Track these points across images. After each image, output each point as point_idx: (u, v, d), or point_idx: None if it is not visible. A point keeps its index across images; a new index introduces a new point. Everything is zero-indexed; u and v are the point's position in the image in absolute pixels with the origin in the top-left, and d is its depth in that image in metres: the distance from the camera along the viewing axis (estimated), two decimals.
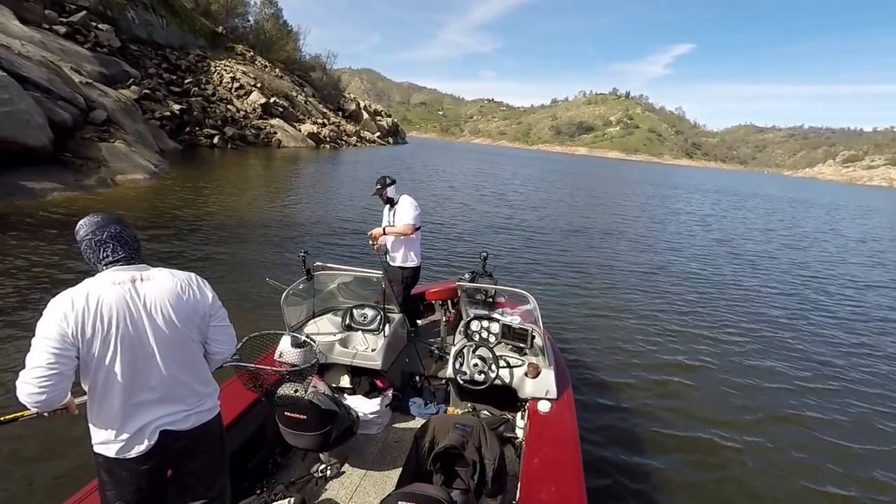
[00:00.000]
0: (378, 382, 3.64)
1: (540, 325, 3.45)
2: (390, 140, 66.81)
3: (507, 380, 3.30)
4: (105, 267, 1.71)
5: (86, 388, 1.68)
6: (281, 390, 2.53)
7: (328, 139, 40.60)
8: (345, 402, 3.08)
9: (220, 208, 11.86)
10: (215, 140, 26.07)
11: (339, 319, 3.79)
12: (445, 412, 3.62)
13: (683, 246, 14.16)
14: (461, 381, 3.31)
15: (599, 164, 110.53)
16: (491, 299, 4.22)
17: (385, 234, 4.46)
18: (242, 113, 31.64)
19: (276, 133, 32.98)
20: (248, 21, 48.79)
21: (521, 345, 3.52)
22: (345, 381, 3.68)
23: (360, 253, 9.07)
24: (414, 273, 4.65)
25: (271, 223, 11.15)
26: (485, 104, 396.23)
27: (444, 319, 4.78)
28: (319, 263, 3.67)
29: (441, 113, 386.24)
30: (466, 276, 4.59)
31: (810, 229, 21.79)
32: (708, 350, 6.51)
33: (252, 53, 42.90)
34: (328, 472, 2.94)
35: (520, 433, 3.21)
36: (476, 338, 3.65)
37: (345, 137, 46.18)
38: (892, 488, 4.06)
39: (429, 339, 4.66)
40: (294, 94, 42.48)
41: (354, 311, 3.79)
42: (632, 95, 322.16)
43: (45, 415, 1.65)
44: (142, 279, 1.73)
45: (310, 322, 3.73)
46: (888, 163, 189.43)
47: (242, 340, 2.24)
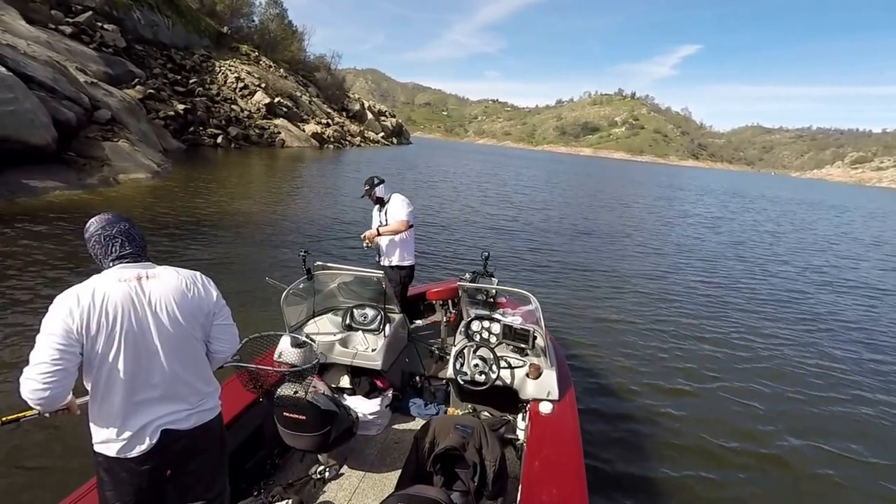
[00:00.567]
0: (378, 383, 3.61)
1: (542, 326, 3.41)
2: (394, 140, 66.87)
3: (508, 380, 3.26)
4: (112, 263, 1.72)
5: (88, 386, 1.68)
6: (280, 391, 2.50)
7: (332, 139, 40.67)
8: (344, 403, 3.05)
9: (222, 208, 11.86)
10: (219, 140, 26.12)
11: (340, 319, 3.77)
12: (446, 413, 3.59)
13: (692, 249, 13.89)
14: (462, 382, 3.27)
15: (604, 164, 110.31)
16: (492, 299, 4.17)
17: (379, 234, 4.43)
18: (246, 113, 31.73)
19: (279, 133, 33.05)
20: (253, 21, 48.95)
21: (523, 345, 3.48)
22: (345, 382, 3.66)
23: (360, 253, 9.01)
24: (410, 272, 4.65)
25: (272, 223, 11.15)
26: (489, 105, 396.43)
27: (444, 320, 4.75)
28: (320, 263, 3.65)
29: (445, 113, 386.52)
30: (467, 276, 4.54)
31: (823, 233, 21.37)
32: (715, 355, 6.42)
33: (257, 53, 43.02)
34: (327, 473, 2.91)
35: (521, 434, 3.17)
36: (477, 338, 3.61)
37: (349, 138, 46.24)
38: None
39: (429, 340, 4.62)
40: (298, 94, 42.58)
41: (355, 310, 3.77)
42: (637, 96, 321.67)
43: (47, 415, 1.65)
44: (147, 276, 1.74)
45: (310, 322, 3.70)
46: None
47: (243, 342, 2.22)
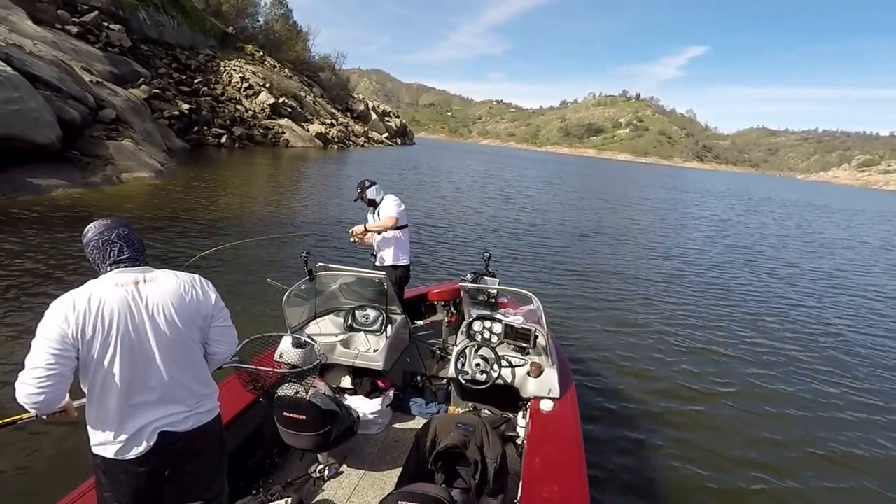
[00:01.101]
0: (379, 383, 3.61)
1: (543, 325, 3.41)
2: (398, 141, 66.96)
3: (509, 379, 3.26)
4: (110, 268, 1.72)
5: (85, 390, 1.68)
6: (280, 391, 2.50)
7: (336, 139, 40.77)
8: (345, 403, 3.05)
9: (224, 208, 11.89)
10: (223, 139, 26.23)
11: (341, 320, 3.77)
12: (447, 412, 3.60)
13: (698, 252, 13.71)
14: (463, 381, 3.27)
15: (608, 165, 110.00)
16: (493, 300, 4.17)
17: (367, 230, 4.46)
18: (251, 113, 31.85)
19: (284, 133, 33.15)
20: (258, 21, 49.14)
21: (524, 345, 3.48)
22: (346, 382, 3.66)
23: (362, 254, 9.01)
24: (405, 272, 4.67)
25: (274, 223, 11.16)
26: (493, 105, 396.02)
27: (446, 320, 4.76)
28: (322, 264, 3.66)
29: (450, 114, 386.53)
30: (469, 276, 4.54)
31: (832, 236, 21.04)
32: (717, 357, 6.40)
33: (261, 54, 43.19)
34: (326, 472, 2.92)
35: (522, 432, 3.18)
36: (479, 338, 3.62)
37: (353, 138, 46.34)
38: None
39: (431, 340, 4.62)
40: (303, 94, 42.70)
41: (356, 311, 3.77)
42: (642, 97, 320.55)
43: (44, 417, 1.64)
44: (145, 280, 1.74)
45: (311, 323, 3.71)
46: None
47: (242, 343, 2.21)
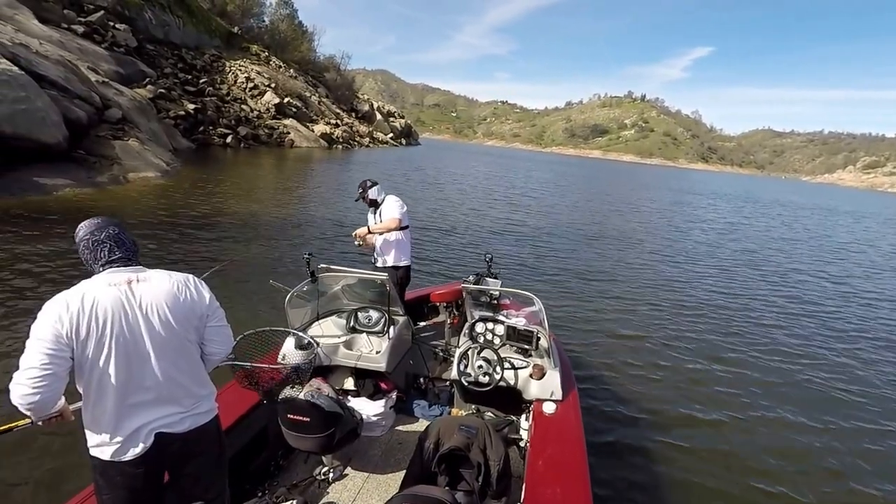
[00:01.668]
0: (382, 384, 3.60)
1: (545, 327, 3.41)
2: (403, 141, 66.98)
3: (511, 381, 3.25)
4: (102, 268, 1.71)
5: (80, 390, 1.67)
6: (283, 393, 2.50)
7: (341, 140, 40.83)
8: (349, 405, 3.05)
9: (229, 208, 11.92)
10: (228, 139, 26.32)
11: (344, 321, 3.77)
12: (450, 414, 3.59)
13: (705, 256, 13.53)
14: (465, 383, 3.27)
15: (613, 167, 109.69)
16: (496, 301, 4.16)
17: (370, 232, 4.45)
18: (256, 113, 31.94)
19: (288, 133, 33.23)
20: (264, 21, 49.24)
21: (527, 346, 3.48)
22: (349, 384, 3.65)
23: (364, 256, 8.99)
24: (406, 273, 4.68)
25: (277, 224, 11.17)
26: (498, 106, 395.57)
27: (448, 322, 4.75)
28: (324, 265, 3.67)
29: (454, 114, 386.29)
30: (471, 278, 4.53)
31: (841, 240, 20.79)
32: (721, 361, 6.36)
33: (267, 54, 43.29)
34: (331, 474, 2.91)
35: (524, 434, 3.17)
36: (481, 340, 3.62)
37: (357, 138, 46.40)
38: None
39: (433, 342, 4.62)
40: (308, 94, 42.78)
41: (359, 313, 3.76)
42: (647, 98, 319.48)
43: (41, 423, 1.64)
44: (138, 280, 1.72)
45: (314, 324, 3.71)
46: None
47: (237, 340, 2.21)
